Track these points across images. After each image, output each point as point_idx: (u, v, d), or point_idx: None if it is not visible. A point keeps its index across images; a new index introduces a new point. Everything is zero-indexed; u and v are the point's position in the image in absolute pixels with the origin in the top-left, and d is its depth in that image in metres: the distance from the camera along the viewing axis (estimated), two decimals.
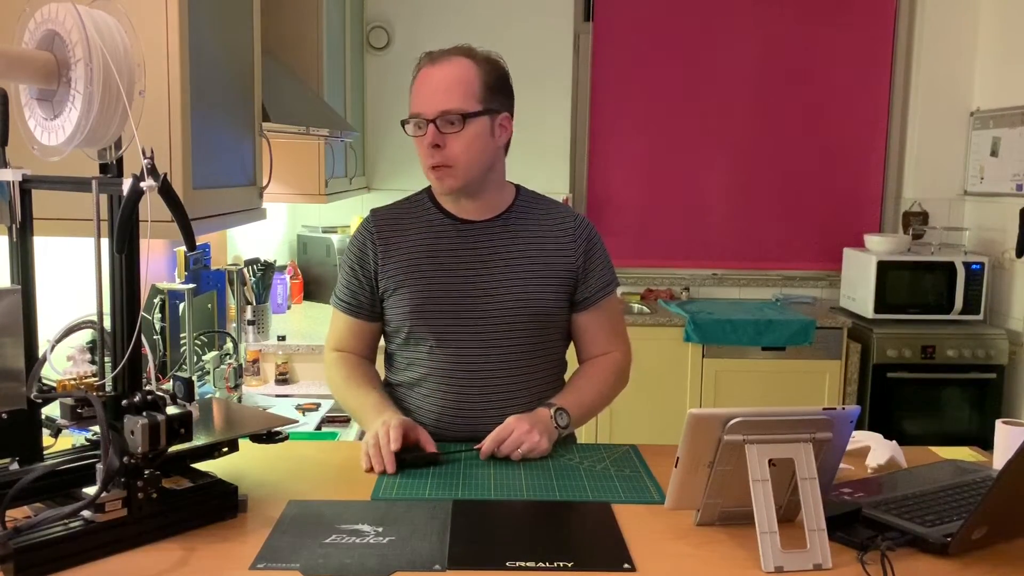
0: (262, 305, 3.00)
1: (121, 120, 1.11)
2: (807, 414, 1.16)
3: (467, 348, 1.65)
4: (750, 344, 3.86)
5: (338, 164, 3.39)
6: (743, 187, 4.44)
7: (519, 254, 1.68)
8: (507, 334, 1.65)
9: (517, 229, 1.70)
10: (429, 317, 1.64)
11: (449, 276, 1.65)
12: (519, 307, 1.65)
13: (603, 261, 1.74)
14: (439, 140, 1.60)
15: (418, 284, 1.65)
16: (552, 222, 1.72)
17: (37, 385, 1.18)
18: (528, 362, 1.68)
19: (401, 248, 1.68)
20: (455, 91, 1.58)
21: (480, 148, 1.62)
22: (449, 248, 1.67)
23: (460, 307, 1.64)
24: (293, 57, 2.96)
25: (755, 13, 4.33)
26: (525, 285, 1.66)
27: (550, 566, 1.10)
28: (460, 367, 1.65)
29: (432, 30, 4.20)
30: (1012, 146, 3.97)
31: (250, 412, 1.60)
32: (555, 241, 1.70)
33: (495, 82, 1.63)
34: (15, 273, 1.22)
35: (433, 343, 1.65)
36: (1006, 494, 1.12)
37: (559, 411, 1.60)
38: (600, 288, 1.72)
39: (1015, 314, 3.99)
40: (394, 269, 1.67)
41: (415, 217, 1.73)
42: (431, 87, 1.61)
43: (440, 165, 1.62)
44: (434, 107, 1.59)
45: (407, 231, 1.70)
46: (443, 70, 1.60)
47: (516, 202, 1.73)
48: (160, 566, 1.09)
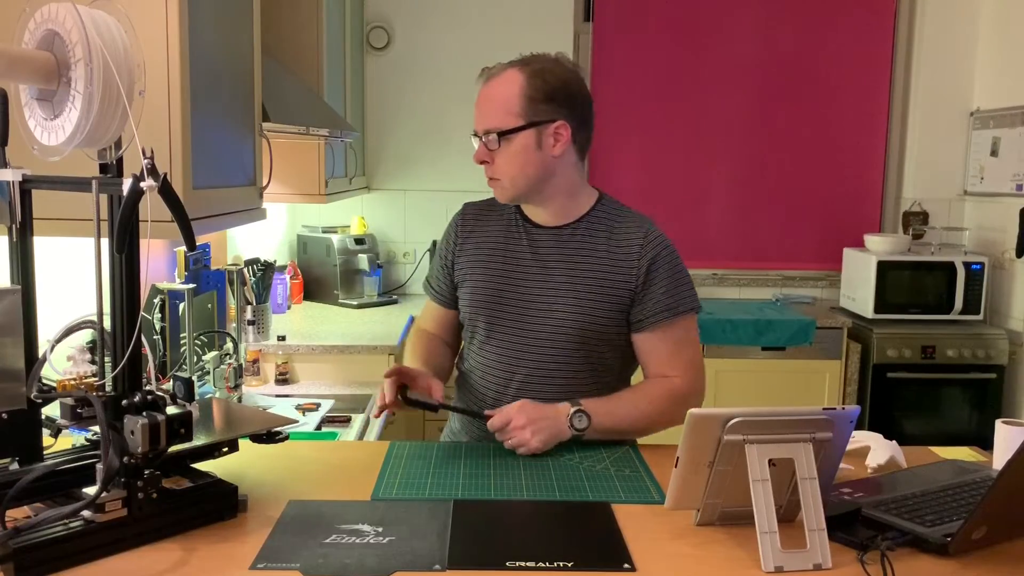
0: (262, 305, 3.00)
1: (121, 120, 1.11)
2: (807, 414, 1.16)
3: (511, 348, 1.68)
4: (750, 344, 3.86)
5: (338, 164, 3.39)
6: (743, 187, 4.44)
7: (579, 264, 1.67)
8: (552, 342, 1.65)
9: (584, 239, 1.68)
10: (483, 311, 1.71)
11: (508, 275, 1.70)
12: (567, 316, 1.64)
13: (668, 282, 1.65)
14: (486, 156, 1.65)
15: (481, 278, 1.72)
16: (622, 236, 1.67)
17: (37, 385, 1.18)
18: (572, 373, 1.66)
19: (478, 243, 1.77)
20: (496, 109, 1.62)
21: (523, 161, 1.63)
22: (515, 249, 1.72)
23: (511, 307, 1.68)
24: (293, 57, 2.96)
25: (755, 13, 4.33)
26: (577, 296, 1.64)
27: (550, 566, 1.10)
28: (503, 365, 1.69)
29: (432, 30, 4.20)
30: (1012, 146, 3.97)
31: (250, 412, 1.61)
32: (619, 255, 1.66)
33: (545, 92, 1.60)
34: (15, 273, 1.22)
35: (483, 337, 1.72)
36: (1006, 494, 1.12)
37: (579, 413, 1.57)
38: (658, 312, 1.64)
39: (1015, 314, 3.99)
40: (467, 261, 1.76)
41: (498, 215, 1.79)
42: (479, 104, 1.66)
43: (489, 177, 1.68)
44: (480, 125, 1.65)
45: (487, 227, 1.78)
46: (490, 87, 1.64)
47: (592, 211, 1.71)
48: (160, 566, 1.09)
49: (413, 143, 4.25)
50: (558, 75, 1.62)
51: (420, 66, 4.23)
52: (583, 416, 1.57)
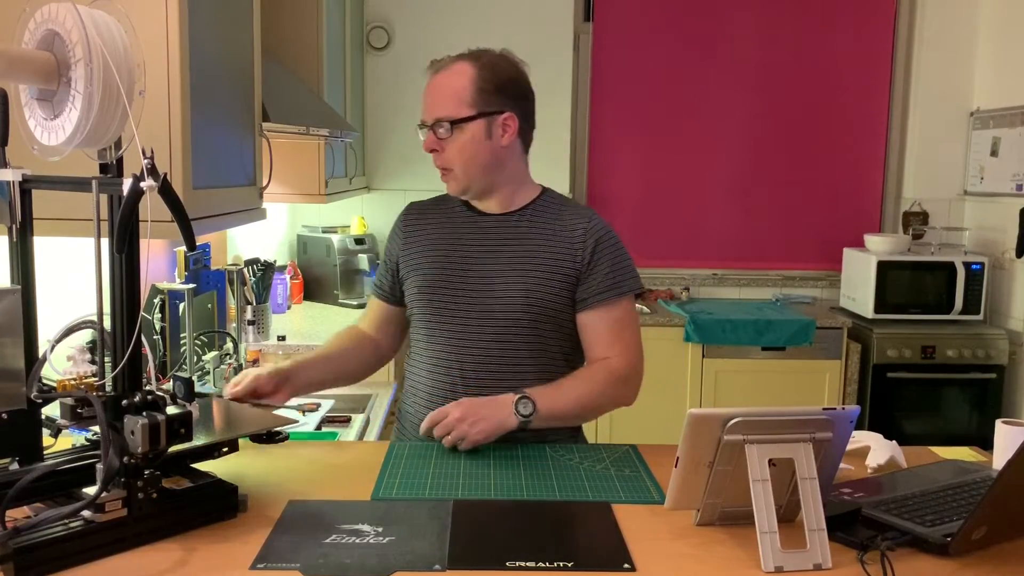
0: (262, 305, 3.00)
1: (121, 120, 1.11)
2: (807, 414, 1.16)
3: (463, 332, 1.68)
4: (750, 344, 3.86)
5: (338, 164, 3.39)
6: (743, 187, 4.44)
7: (525, 249, 1.70)
8: (503, 324, 1.67)
9: (530, 224, 1.73)
10: (432, 300, 1.71)
11: (455, 261, 1.72)
12: (517, 299, 1.67)
13: (612, 263, 1.70)
14: (436, 145, 1.68)
15: (426, 267, 1.74)
16: (566, 221, 1.73)
17: (37, 385, 1.18)
18: (524, 355, 1.68)
19: (422, 237, 1.78)
20: (447, 99, 1.65)
21: (474, 151, 1.67)
22: (462, 236, 1.74)
23: (460, 292, 1.69)
24: (293, 57, 2.96)
25: (755, 13, 4.33)
26: (526, 278, 1.68)
27: (550, 566, 1.10)
28: (455, 351, 1.69)
29: (432, 30, 4.20)
30: (1012, 146, 3.97)
31: (250, 412, 1.60)
32: (564, 240, 1.70)
33: (495, 84, 1.66)
34: (15, 273, 1.22)
35: (432, 324, 1.72)
36: (1006, 494, 1.12)
37: (523, 399, 1.57)
38: (602, 290, 1.69)
39: (1015, 314, 3.99)
40: (413, 255, 1.77)
41: (442, 210, 1.81)
42: (429, 94, 1.69)
43: (440, 168, 1.70)
44: (430, 114, 1.68)
45: (432, 222, 1.80)
46: (441, 77, 1.68)
47: (538, 200, 1.77)
48: (160, 566, 1.09)
49: (413, 143, 4.21)
50: (506, 68, 1.69)
51: (420, 66, 4.18)
52: (528, 402, 1.57)
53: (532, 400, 1.58)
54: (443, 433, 1.55)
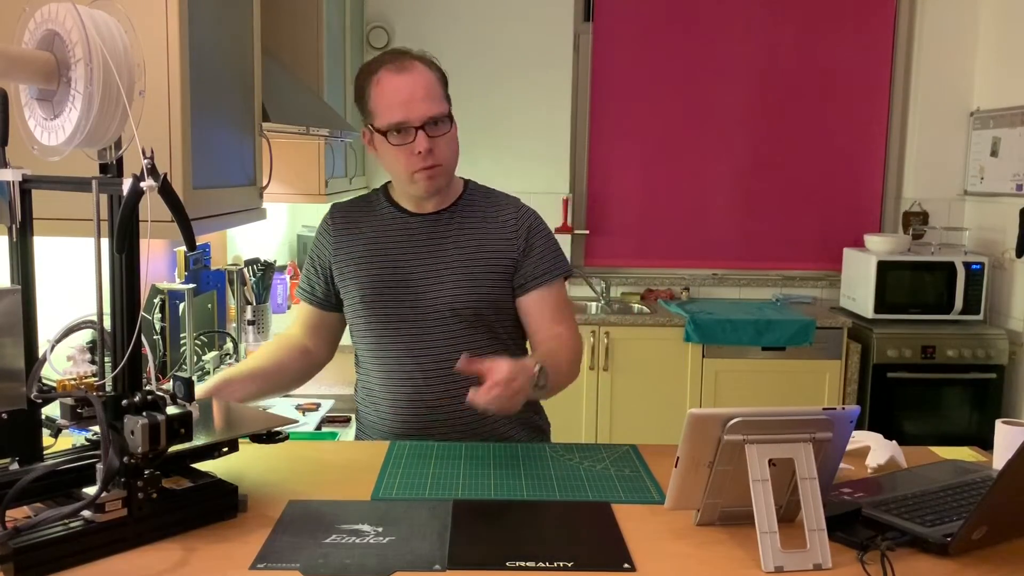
0: (262, 305, 2.99)
1: (121, 120, 1.11)
2: (807, 414, 1.16)
3: (412, 338, 1.69)
4: (750, 344, 3.86)
5: (338, 164, 3.39)
6: (743, 187, 4.44)
7: (463, 244, 1.71)
8: (453, 322, 1.68)
9: (462, 220, 1.74)
10: (377, 306, 1.70)
11: (394, 267, 1.71)
12: (462, 295, 1.67)
13: (545, 249, 1.74)
14: (431, 144, 1.63)
15: (365, 275, 1.72)
16: (496, 212, 1.75)
17: (37, 385, 1.18)
18: (478, 346, 1.68)
19: (353, 242, 1.76)
20: (433, 96, 1.64)
21: (455, 146, 1.70)
22: (396, 240, 1.73)
23: (405, 296, 1.69)
24: (293, 57, 2.96)
25: (755, 13, 4.33)
26: (468, 273, 1.69)
27: (550, 566, 1.10)
28: (409, 356, 1.69)
29: (432, 30, 4.20)
30: (1012, 146, 3.97)
31: (250, 412, 1.60)
32: (498, 230, 1.73)
33: (445, 82, 1.70)
34: (15, 273, 1.22)
35: (382, 332, 1.71)
36: (1006, 494, 1.12)
37: (542, 369, 1.54)
38: (540, 274, 1.72)
39: (1015, 314, 3.99)
40: (345, 261, 1.75)
41: (369, 213, 1.78)
42: (409, 95, 1.62)
43: (430, 167, 1.65)
44: (420, 114, 1.62)
45: (360, 226, 1.77)
46: (414, 77, 1.63)
47: (464, 195, 1.77)
48: (160, 566, 1.09)
49: None
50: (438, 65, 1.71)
51: None
52: (544, 373, 1.54)
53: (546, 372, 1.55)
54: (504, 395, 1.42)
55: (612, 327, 3.85)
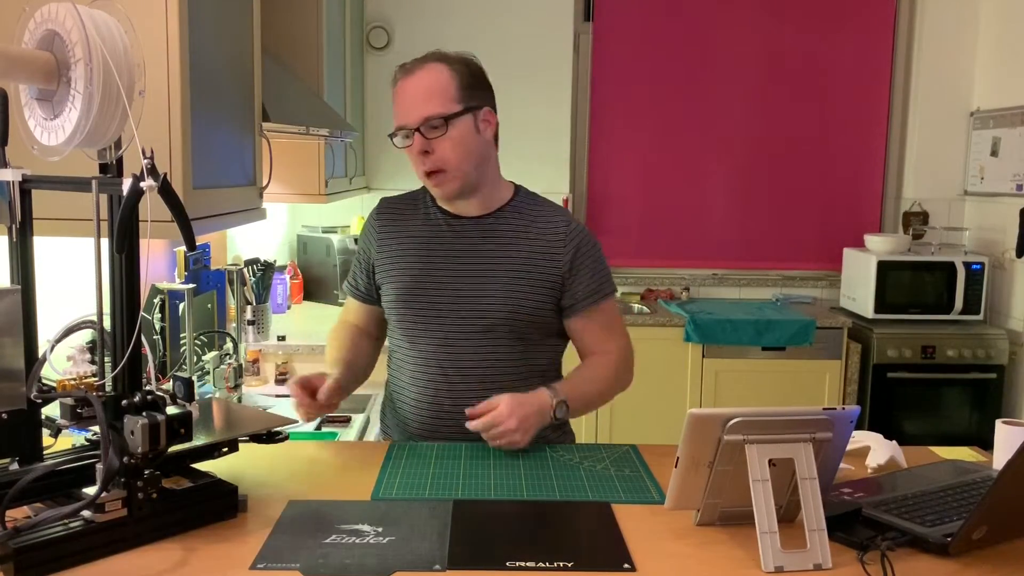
0: (262, 305, 3.00)
1: (121, 120, 1.11)
2: (807, 414, 1.16)
3: (446, 339, 1.67)
4: (750, 344, 3.86)
5: (338, 164, 3.39)
6: (743, 187, 4.44)
7: (506, 252, 1.69)
8: (486, 331, 1.66)
9: (508, 227, 1.71)
10: (412, 306, 1.69)
11: (434, 270, 1.69)
12: (499, 305, 1.66)
13: (593, 267, 1.71)
14: (427, 146, 1.62)
15: (405, 276, 1.71)
16: (545, 224, 1.71)
17: (37, 385, 1.18)
18: (510, 359, 1.68)
19: (397, 239, 1.75)
20: (433, 96, 1.61)
21: (467, 146, 1.64)
22: (439, 243, 1.71)
23: (442, 299, 1.67)
24: (293, 57, 2.96)
25: (755, 13, 4.33)
26: (508, 284, 1.66)
27: (550, 566, 1.10)
28: (441, 360, 1.68)
29: (432, 30, 4.20)
30: (1012, 146, 3.97)
31: (250, 412, 1.61)
32: (545, 243, 1.69)
33: (471, 80, 1.65)
34: (15, 273, 1.22)
35: (415, 332, 1.70)
36: (1006, 494, 1.12)
37: (561, 404, 1.61)
38: (587, 295, 1.70)
39: (1015, 314, 3.99)
40: (388, 258, 1.74)
41: (414, 210, 1.77)
42: (410, 97, 1.63)
43: (433, 171, 1.64)
44: (416, 115, 1.61)
45: (406, 223, 1.76)
46: (418, 79, 1.63)
47: (512, 201, 1.74)
48: (160, 566, 1.09)
49: None
50: (475, 65, 1.68)
51: None
52: (564, 407, 1.61)
53: (566, 403, 1.61)
54: (494, 439, 1.55)
55: None
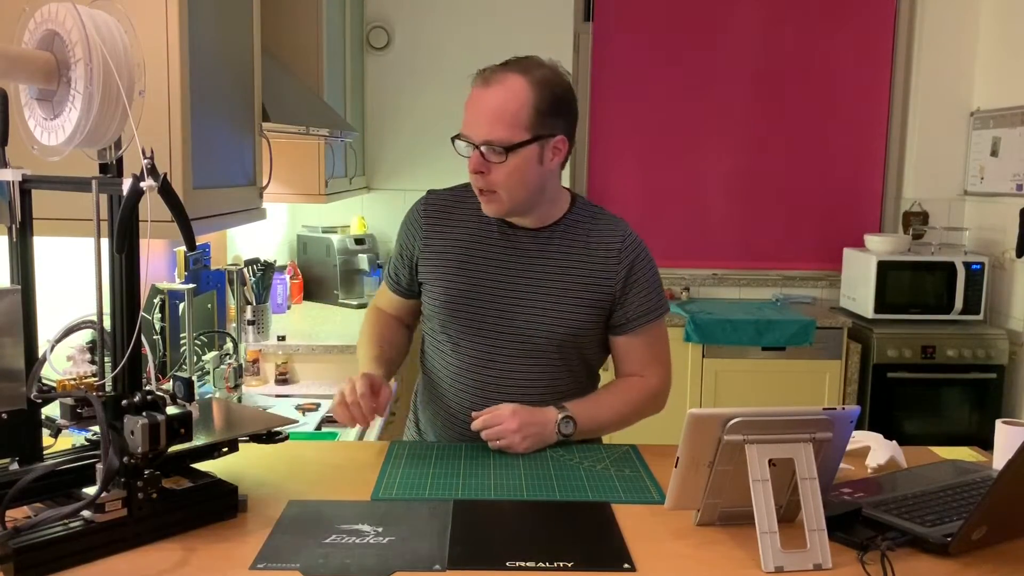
0: (262, 305, 3.00)
1: (121, 120, 1.11)
2: (807, 414, 1.16)
3: (491, 351, 1.65)
4: (750, 344, 3.86)
5: (338, 164, 3.39)
6: (743, 187, 4.44)
7: (558, 268, 1.64)
8: (533, 345, 1.63)
9: (562, 242, 1.65)
10: (459, 314, 1.65)
11: (484, 278, 1.65)
12: (549, 321, 1.63)
13: (647, 286, 1.66)
14: (483, 167, 1.55)
15: (453, 279, 1.66)
16: (600, 239, 1.66)
17: (37, 385, 1.18)
18: (552, 373, 1.66)
19: (445, 238, 1.69)
20: (503, 120, 1.51)
21: (523, 176, 1.55)
22: (491, 249, 1.66)
23: (489, 310, 1.64)
24: (293, 57, 2.96)
25: (756, 13, 4.33)
26: (558, 300, 1.63)
27: (550, 566, 1.10)
28: (482, 369, 1.65)
29: (432, 30, 4.20)
30: (1012, 146, 3.97)
31: (250, 412, 1.61)
32: (598, 259, 1.64)
33: (550, 104, 1.54)
34: (15, 273, 1.22)
35: (459, 340, 1.67)
36: (1006, 494, 1.12)
37: (567, 419, 1.59)
38: (639, 315, 1.66)
39: (1015, 314, 3.99)
40: (434, 257, 1.69)
41: (465, 209, 1.69)
42: (480, 111, 1.53)
43: (482, 190, 1.58)
44: (480, 134, 1.53)
45: (455, 221, 1.69)
46: (494, 93, 1.52)
47: (568, 214, 1.67)
48: (160, 566, 1.09)
49: (413, 143, 4.25)
50: (562, 87, 1.57)
51: (420, 66, 4.23)
52: (570, 422, 1.60)
53: (573, 419, 1.60)
54: (492, 438, 1.56)
55: None
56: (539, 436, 1.57)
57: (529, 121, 1.52)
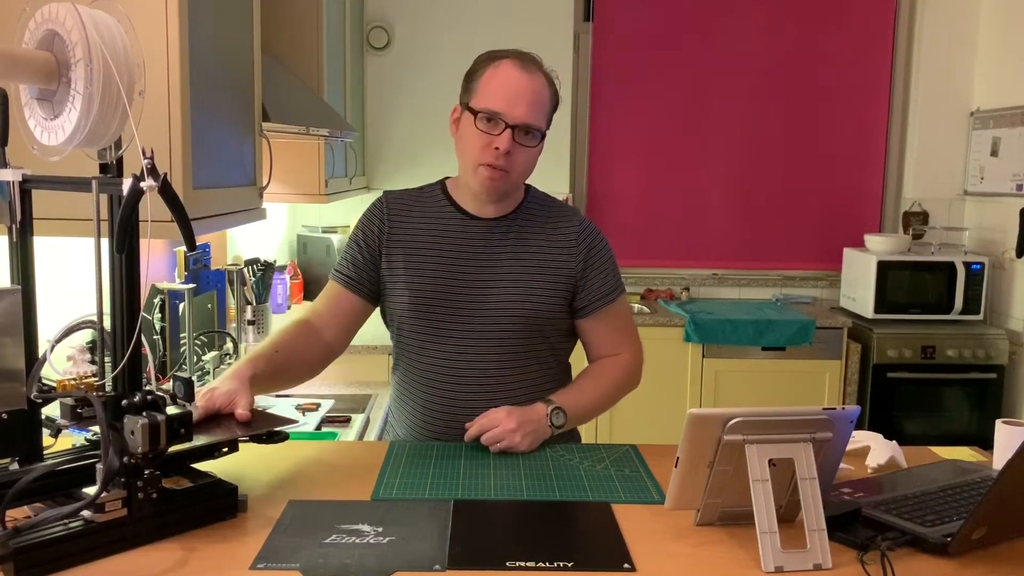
0: (262, 305, 3.00)
1: (121, 120, 1.11)
2: (807, 414, 1.16)
3: (461, 344, 1.66)
4: (750, 344, 3.86)
5: (338, 164, 3.39)
6: (743, 187, 4.44)
7: (520, 255, 1.69)
8: (501, 333, 1.66)
9: (521, 229, 1.71)
10: (425, 309, 1.67)
11: (449, 270, 1.67)
12: (514, 307, 1.65)
13: (605, 268, 1.73)
14: (512, 148, 1.60)
15: (417, 275, 1.67)
16: (557, 224, 1.73)
17: (37, 385, 1.18)
18: (523, 361, 1.68)
19: (407, 233, 1.71)
20: (540, 107, 1.63)
21: (533, 163, 1.67)
22: (453, 242, 1.69)
23: (456, 303, 1.66)
24: (293, 57, 2.96)
25: (756, 13, 4.33)
26: (522, 286, 1.66)
27: (550, 566, 1.10)
28: (454, 363, 1.66)
29: (432, 30, 4.20)
30: (1012, 146, 3.97)
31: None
32: (557, 244, 1.70)
33: (555, 105, 1.69)
34: (15, 273, 1.22)
35: (428, 336, 1.68)
36: (1006, 494, 1.12)
37: (556, 410, 1.62)
38: (601, 296, 1.72)
39: (1015, 314, 3.99)
40: (397, 253, 1.69)
41: (426, 206, 1.74)
42: (519, 92, 1.60)
43: (498, 167, 1.61)
44: (519, 115, 1.59)
45: (416, 219, 1.72)
46: (533, 81, 1.62)
47: (524, 202, 1.74)
48: (160, 566, 1.09)
49: (413, 143, 4.26)
50: (557, 92, 1.70)
51: (420, 66, 4.23)
52: (560, 413, 1.63)
53: (563, 410, 1.63)
54: (493, 441, 1.56)
55: None
56: (537, 432, 1.59)
57: (548, 114, 1.67)
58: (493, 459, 1.53)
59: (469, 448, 1.59)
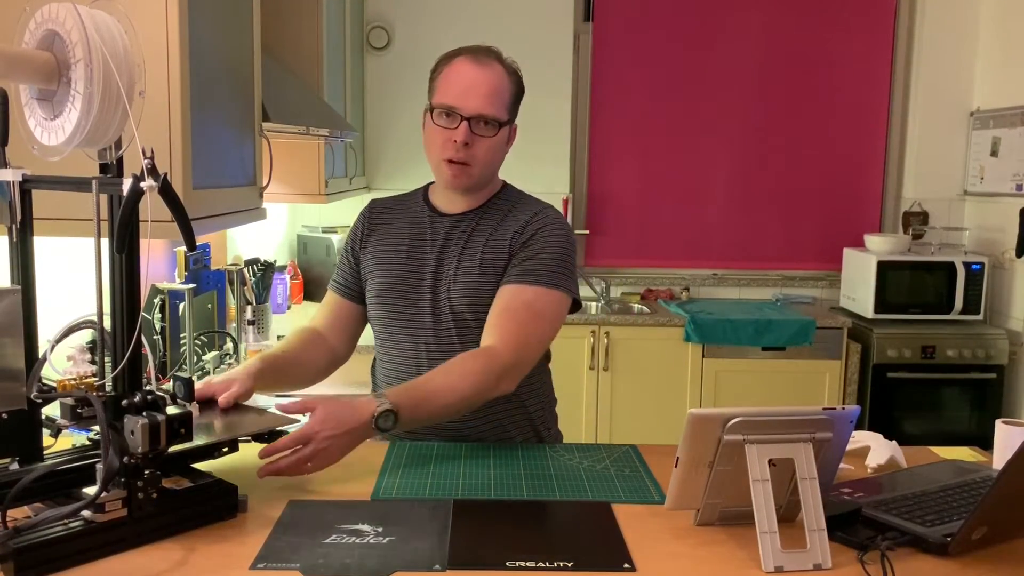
0: (262, 305, 3.00)
1: (121, 120, 1.12)
2: (807, 414, 1.16)
3: (417, 336, 1.69)
4: (750, 344, 3.86)
5: (338, 164, 3.39)
6: (743, 187, 4.44)
7: (471, 246, 1.69)
8: (455, 326, 1.66)
9: (483, 222, 1.71)
10: (387, 303, 1.71)
11: (408, 264, 1.71)
12: (463, 301, 1.66)
13: (540, 252, 1.62)
14: (470, 140, 1.63)
15: (383, 270, 1.73)
16: (517, 215, 1.71)
17: (37, 385, 1.18)
18: None
19: (383, 236, 1.77)
20: (496, 98, 1.64)
21: (496, 154, 1.69)
22: (417, 239, 1.73)
23: (412, 295, 1.69)
24: (293, 57, 2.96)
25: (755, 13, 4.33)
26: (468, 278, 1.66)
27: (550, 566, 1.10)
28: (411, 356, 1.69)
29: (432, 30, 4.20)
30: (1012, 146, 3.97)
31: (250, 412, 1.60)
32: (504, 234, 1.68)
33: (517, 94, 1.70)
34: (15, 273, 1.22)
35: (391, 328, 1.72)
36: (1006, 494, 1.12)
37: (386, 414, 1.41)
38: (518, 274, 1.61)
39: (1015, 314, 3.99)
40: (370, 254, 1.76)
41: (407, 209, 1.79)
42: (472, 85, 1.63)
43: (460, 162, 1.64)
44: (474, 107, 1.62)
45: (394, 219, 1.79)
46: (486, 73, 1.64)
47: (493, 198, 1.75)
48: (160, 566, 1.09)
49: (413, 143, 4.25)
50: (521, 80, 1.71)
51: (420, 66, 4.20)
52: (389, 416, 1.41)
53: (395, 412, 1.42)
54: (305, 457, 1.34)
55: (612, 327, 3.85)
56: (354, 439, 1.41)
57: (508, 104, 1.68)
58: (493, 459, 1.53)
59: (469, 448, 1.59)
